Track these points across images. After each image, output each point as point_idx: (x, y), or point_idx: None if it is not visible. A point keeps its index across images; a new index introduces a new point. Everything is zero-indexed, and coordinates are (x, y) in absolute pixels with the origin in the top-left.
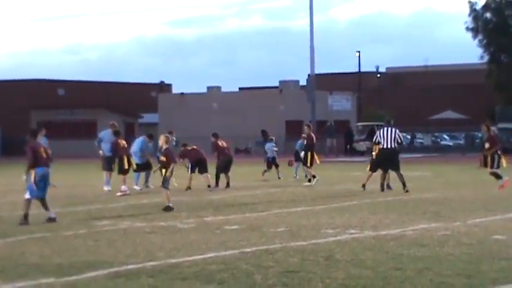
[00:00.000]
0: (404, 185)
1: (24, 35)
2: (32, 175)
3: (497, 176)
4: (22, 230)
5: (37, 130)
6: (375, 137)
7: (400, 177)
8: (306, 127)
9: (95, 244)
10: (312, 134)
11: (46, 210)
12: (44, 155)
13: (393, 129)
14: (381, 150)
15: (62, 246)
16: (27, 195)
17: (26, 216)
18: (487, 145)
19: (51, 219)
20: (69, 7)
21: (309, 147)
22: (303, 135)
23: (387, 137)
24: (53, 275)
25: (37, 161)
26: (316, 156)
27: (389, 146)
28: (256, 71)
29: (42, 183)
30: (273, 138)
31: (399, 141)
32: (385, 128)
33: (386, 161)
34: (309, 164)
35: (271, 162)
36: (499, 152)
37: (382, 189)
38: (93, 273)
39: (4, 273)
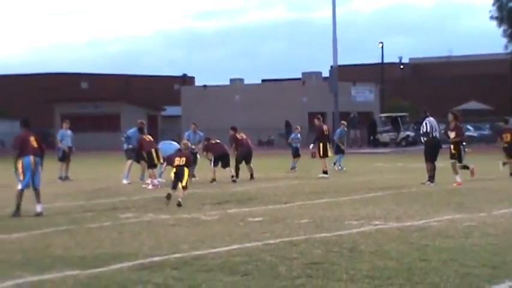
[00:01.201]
0: (432, 177)
1: (47, 29)
2: (18, 164)
3: (464, 167)
4: (47, 222)
5: (28, 120)
6: (425, 127)
7: (433, 169)
8: (316, 119)
9: (119, 236)
10: (323, 126)
11: (37, 202)
12: (35, 144)
13: (434, 120)
14: (431, 140)
15: (87, 238)
16: (19, 186)
17: (18, 207)
18: (452, 135)
19: (37, 214)
20: (91, 0)
21: (319, 139)
22: (342, 122)
23: (434, 127)
24: (77, 267)
25: (24, 150)
26: (329, 148)
27: (437, 136)
28: (278, 63)
29: (28, 173)
30: (298, 128)
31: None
32: (430, 119)
33: (437, 150)
34: (322, 155)
35: (295, 153)
36: (464, 143)
37: (433, 181)
38: (117, 266)
39: (29, 265)
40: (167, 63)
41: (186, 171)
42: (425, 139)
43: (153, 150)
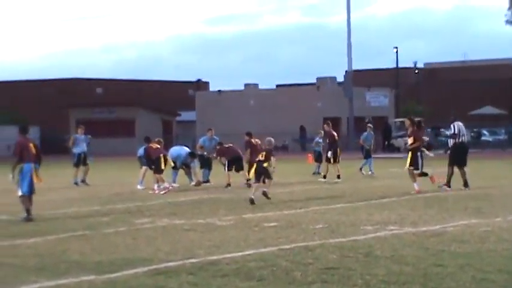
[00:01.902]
0: (466, 182)
1: (62, 35)
2: (15, 170)
3: (422, 174)
4: (63, 228)
5: (27, 126)
6: (452, 130)
7: (464, 174)
8: (325, 125)
9: (134, 242)
10: (333, 132)
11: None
12: (34, 151)
13: (462, 124)
14: (459, 144)
15: (102, 243)
16: (19, 193)
17: (28, 211)
18: (409, 141)
19: (27, 219)
20: (106, 6)
21: (331, 145)
22: (369, 124)
23: (461, 131)
24: (93, 272)
25: (24, 157)
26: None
27: (465, 140)
28: (293, 68)
29: (27, 179)
30: (321, 132)
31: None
32: (459, 123)
33: (465, 155)
34: (334, 161)
35: (318, 157)
36: (422, 149)
37: (467, 186)
38: (132, 271)
39: (46, 270)
40: (182, 69)
41: (266, 165)
42: (452, 142)
43: (161, 156)
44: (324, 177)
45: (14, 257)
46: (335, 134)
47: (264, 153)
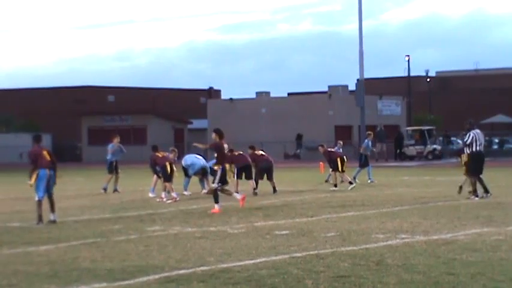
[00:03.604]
0: (486, 189)
1: (76, 42)
2: (33, 177)
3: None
4: (74, 235)
5: (40, 136)
6: (467, 138)
7: (481, 181)
8: (319, 147)
9: (146, 249)
10: (328, 150)
11: (51, 211)
12: (48, 158)
13: (480, 132)
14: (476, 153)
15: (114, 251)
16: (36, 198)
17: (40, 217)
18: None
19: (51, 221)
20: (119, 14)
21: (336, 158)
22: (368, 132)
23: (478, 140)
24: (104, 279)
25: (37, 164)
26: (346, 161)
27: (482, 149)
28: (305, 76)
29: (43, 184)
30: (341, 143)
31: (485, 144)
32: (476, 131)
33: (481, 164)
34: (340, 170)
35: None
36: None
37: (477, 195)
38: (144, 278)
39: (57, 277)
40: (194, 76)
41: None
42: (468, 151)
43: (167, 163)
44: (335, 185)
45: (27, 264)
46: (331, 150)
47: None
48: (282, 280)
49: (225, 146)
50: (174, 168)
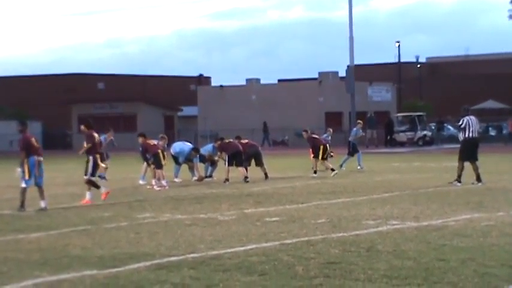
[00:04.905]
0: (478, 177)
1: (65, 30)
2: (25, 164)
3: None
4: (65, 222)
5: (26, 122)
6: (461, 123)
7: (476, 168)
8: (303, 132)
9: (136, 236)
10: (312, 136)
11: (41, 198)
12: (36, 144)
13: (475, 118)
14: (469, 139)
15: (104, 238)
16: (22, 184)
17: (22, 203)
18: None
19: (41, 209)
20: (110, 1)
21: (319, 145)
22: (359, 121)
23: (473, 126)
24: (95, 267)
25: (29, 151)
26: (329, 150)
27: (476, 136)
28: (296, 63)
29: (34, 171)
30: (330, 130)
31: (480, 130)
32: (471, 117)
33: (474, 150)
34: (321, 157)
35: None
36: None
37: (480, 180)
38: (135, 265)
39: (48, 265)
40: (184, 64)
41: None
42: (462, 137)
43: (159, 151)
44: (315, 172)
45: (17, 251)
46: (315, 137)
47: None
48: (273, 267)
49: (95, 135)
50: (167, 156)
